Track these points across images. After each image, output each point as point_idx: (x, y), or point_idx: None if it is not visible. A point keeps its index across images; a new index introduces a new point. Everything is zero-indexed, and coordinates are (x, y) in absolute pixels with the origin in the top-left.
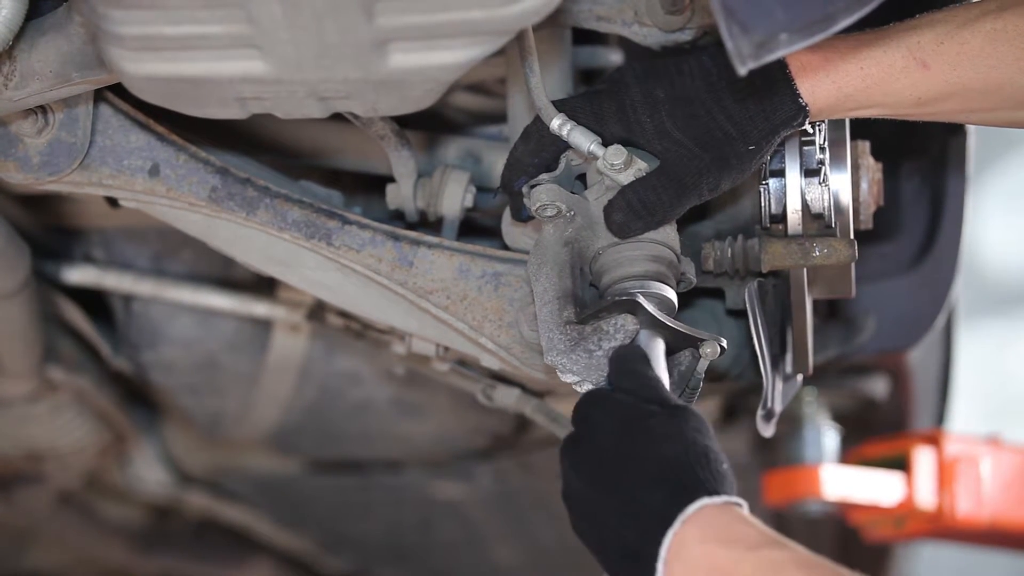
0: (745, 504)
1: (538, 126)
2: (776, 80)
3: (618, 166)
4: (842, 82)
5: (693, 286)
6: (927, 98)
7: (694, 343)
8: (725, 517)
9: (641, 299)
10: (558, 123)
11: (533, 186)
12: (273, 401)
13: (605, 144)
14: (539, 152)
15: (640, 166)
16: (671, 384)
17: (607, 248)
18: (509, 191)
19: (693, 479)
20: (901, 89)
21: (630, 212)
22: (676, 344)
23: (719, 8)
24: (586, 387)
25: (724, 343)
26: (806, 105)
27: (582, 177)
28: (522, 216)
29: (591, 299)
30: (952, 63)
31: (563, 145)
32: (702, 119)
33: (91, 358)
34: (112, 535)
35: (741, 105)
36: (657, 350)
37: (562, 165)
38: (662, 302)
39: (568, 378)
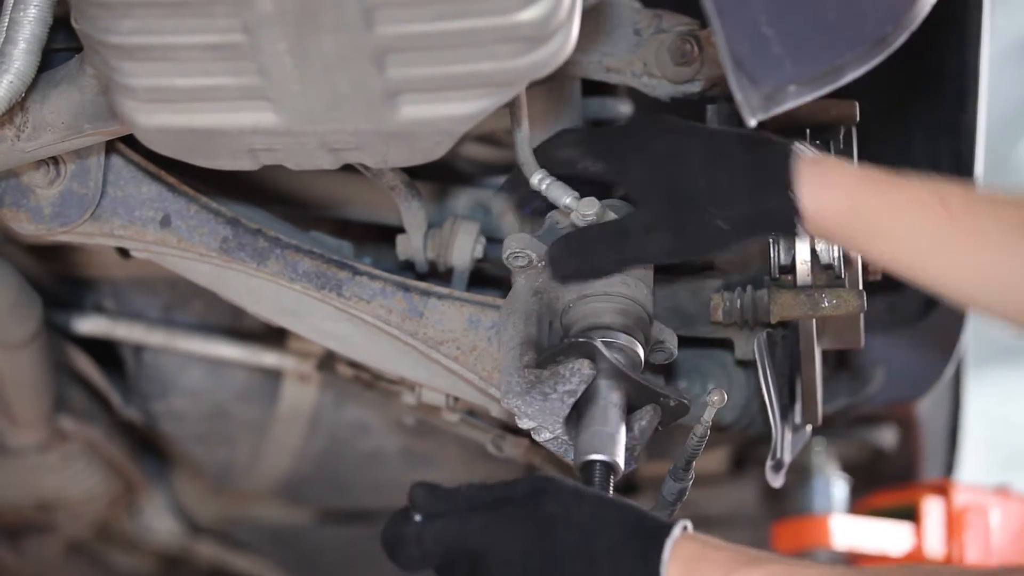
0: (689, 523)
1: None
2: (776, 175)
3: (590, 217)
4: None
5: (674, 357)
6: None
7: (656, 398)
8: (691, 546)
9: (599, 344)
10: (538, 178)
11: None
12: (283, 451)
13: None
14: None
15: (612, 217)
16: (629, 439)
17: (576, 301)
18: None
19: (639, 529)
20: None
21: (566, 249)
22: (638, 398)
23: (728, 60)
24: (544, 435)
25: (688, 401)
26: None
27: None
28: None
29: None
30: None
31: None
32: (680, 182)
33: (101, 408)
34: None
35: (729, 180)
36: (615, 402)
37: (546, 224)
38: (625, 353)
39: (525, 423)
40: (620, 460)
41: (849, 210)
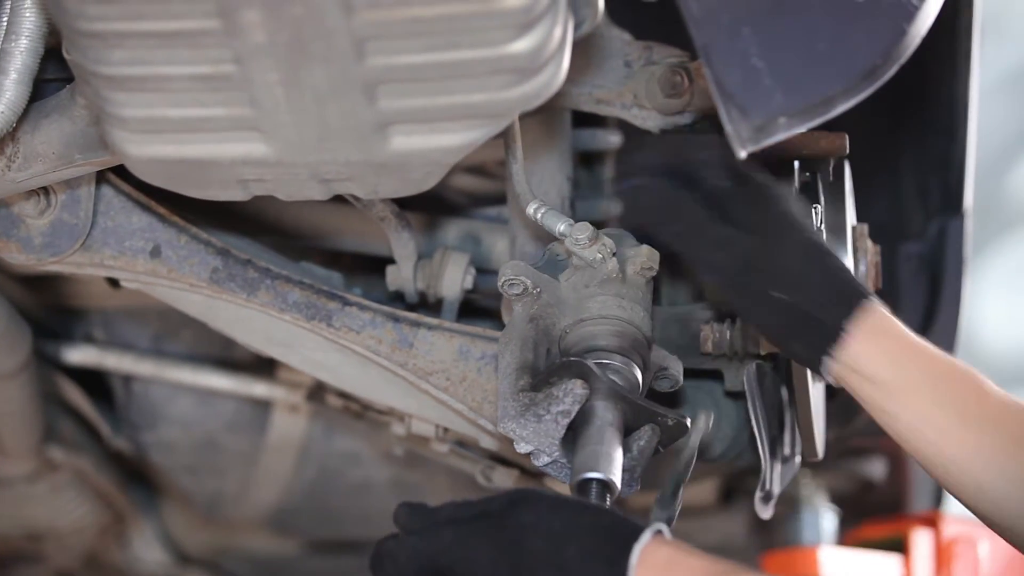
0: (665, 527)
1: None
2: None
3: (582, 241)
4: None
5: (679, 385)
6: None
7: (654, 417)
8: (663, 551)
9: (590, 363)
10: (533, 208)
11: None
12: (272, 481)
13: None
14: None
15: (605, 242)
16: (628, 460)
17: (572, 326)
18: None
19: (611, 534)
20: None
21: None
22: (636, 418)
23: (718, 92)
24: (543, 459)
25: (688, 420)
26: None
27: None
28: None
29: None
30: None
31: None
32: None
33: (91, 438)
34: None
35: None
36: (610, 421)
37: (545, 256)
38: (621, 375)
39: (522, 447)
40: (616, 478)
41: None
